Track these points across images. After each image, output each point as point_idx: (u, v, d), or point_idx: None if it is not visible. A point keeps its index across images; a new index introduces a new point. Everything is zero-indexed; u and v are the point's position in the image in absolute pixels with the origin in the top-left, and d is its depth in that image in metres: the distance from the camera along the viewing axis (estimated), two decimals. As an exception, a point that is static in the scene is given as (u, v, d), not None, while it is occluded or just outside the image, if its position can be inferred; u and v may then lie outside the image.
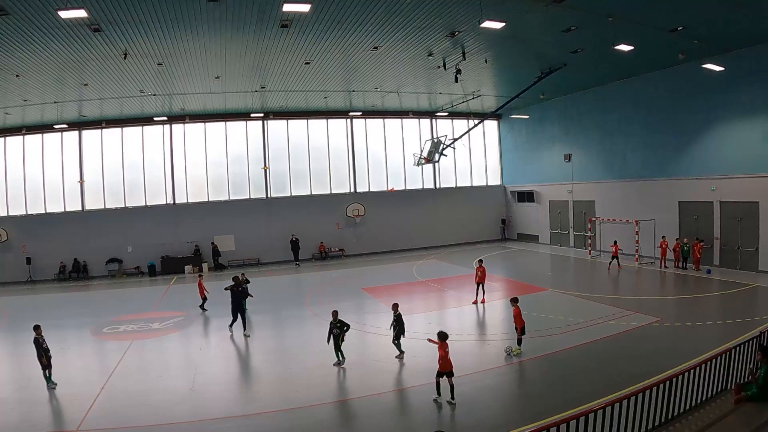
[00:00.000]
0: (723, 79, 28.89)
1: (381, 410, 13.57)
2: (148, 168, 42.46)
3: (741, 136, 28.91)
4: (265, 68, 29.05)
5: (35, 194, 40.62)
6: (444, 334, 14.02)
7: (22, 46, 21.76)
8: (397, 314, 17.52)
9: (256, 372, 17.43)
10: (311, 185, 46.11)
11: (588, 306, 23.45)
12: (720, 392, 11.76)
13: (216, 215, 43.01)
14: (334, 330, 16.90)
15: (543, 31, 24.44)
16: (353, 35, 24.04)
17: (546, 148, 46.02)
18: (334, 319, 17.00)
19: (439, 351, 13.76)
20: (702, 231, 31.30)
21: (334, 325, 16.93)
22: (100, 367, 18.12)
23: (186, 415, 13.55)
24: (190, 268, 40.93)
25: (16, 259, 39.23)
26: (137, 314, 26.21)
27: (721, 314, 20.87)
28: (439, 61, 28.79)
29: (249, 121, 43.97)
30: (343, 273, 37.28)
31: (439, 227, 49.00)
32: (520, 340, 17.23)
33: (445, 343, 13.83)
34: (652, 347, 17.10)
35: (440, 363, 13.62)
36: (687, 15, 22.42)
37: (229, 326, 21.83)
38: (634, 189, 36.59)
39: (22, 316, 26.07)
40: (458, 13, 21.52)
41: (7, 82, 27.20)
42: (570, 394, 13.41)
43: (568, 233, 43.70)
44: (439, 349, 13.76)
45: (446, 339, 13.89)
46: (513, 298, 17.97)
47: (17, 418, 13.71)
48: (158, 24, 20.59)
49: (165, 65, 26.73)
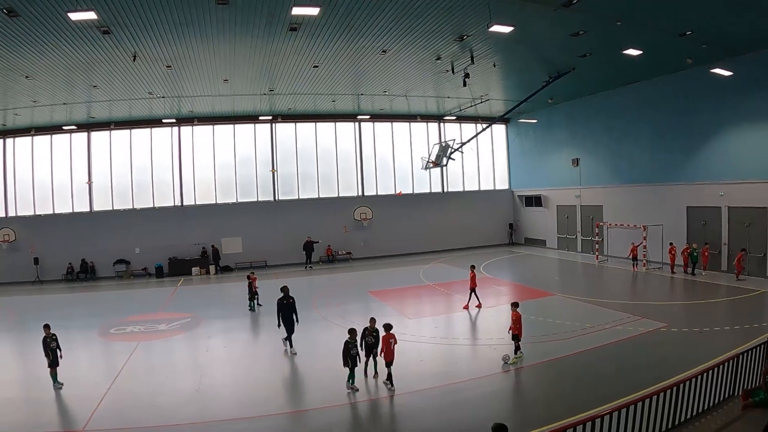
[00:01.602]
0: (731, 84, 28.77)
1: (388, 413, 13.56)
2: (156, 170, 42.64)
3: (749, 141, 28.77)
4: (273, 71, 29.12)
5: (44, 195, 40.88)
6: (389, 325, 15.57)
7: (31, 48, 21.91)
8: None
9: (263, 374, 17.36)
10: (319, 188, 46.17)
11: (595, 311, 23.35)
12: (727, 398, 11.70)
13: (223, 217, 43.13)
14: (368, 338, 15.82)
15: (551, 36, 24.43)
16: (362, 39, 24.09)
17: (554, 153, 45.92)
18: (371, 327, 15.98)
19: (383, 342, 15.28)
20: (710, 236, 31.13)
21: (369, 333, 15.89)
22: (106, 368, 18.17)
23: (192, 416, 13.57)
24: (197, 269, 41.05)
25: (24, 259, 39.39)
26: (144, 315, 26.28)
27: (729, 320, 20.76)
28: (448, 65, 28.78)
29: (257, 123, 44.07)
30: (351, 276, 37.30)
31: (446, 231, 48.92)
32: (518, 346, 16.94)
33: (391, 333, 15.33)
34: (659, 353, 17.01)
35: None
36: (695, 19, 22.37)
37: (284, 340, 19.44)
38: (642, 194, 36.45)
39: (29, 317, 26.24)
40: (467, 17, 21.54)
41: (16, 83, 27.38)
42: (576, 400, 13.36)
43: (575, 238, 43.57)
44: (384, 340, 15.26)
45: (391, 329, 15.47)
46: (513, 303, 17.63)
47: (23, 418, 13.78)
48: (167, 26, 20.69)
49: (174, 68, 26.84)
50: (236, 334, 22.49)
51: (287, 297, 19.24)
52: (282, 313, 19.05)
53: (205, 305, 28.63)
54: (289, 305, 19.14)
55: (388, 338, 15.28)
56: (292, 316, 19.10)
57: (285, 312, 19.04)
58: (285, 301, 19.17)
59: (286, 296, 19.26)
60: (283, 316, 19.01)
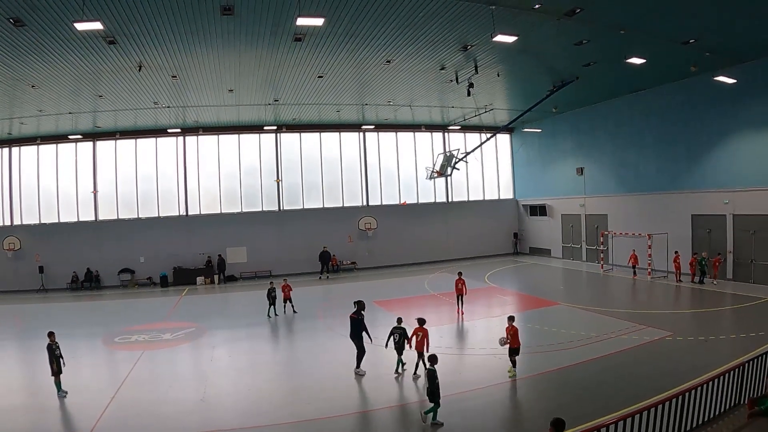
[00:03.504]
0: (735, 92, 28.80)
1: (392, 423, 13.52)
2: (161, 179, 42.76)
3: (754, 148, 28.73)
4: (278, 81, 29.25)
5: (49, 203, 41.05)
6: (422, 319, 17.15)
7: (38, 57, 22.10)
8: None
9: (267, 384, 17.33)
10: (324, 198, 46.22)
11: (600, 320, 23.26)
12: (733, 407, 11.65)
13: (228, 227, 43.19)
14: (395, 335, 17.16)
15: (555, 45, 24.49)
16: (366, 49, 24.21)
17: (558, 162, 45.93)
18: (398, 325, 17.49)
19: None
20: (715, 244, 31.07)
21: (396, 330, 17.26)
22: (110, 377, 18.15)
23: (196, 426, 13.53)
24: (201, 279, 41.06)
25: (29, 267, 39.54)
26: (149, 324, 26.27)
27: (734, 328, 20.65)
28: (452, 74, 28.92)
29: (262, 133, 44.18)
30: (356, 286, 37.24)
31: (451, 241, 48.88)
32: (515, 361, 16.58)
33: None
34: (665, 362, 16.93)
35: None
36: (699, 27, 22.42)
37: (358, 363, 17.70)
38: (646, 202, 36.40)
39: (34, 325, 26.24)
40: (471, 27, 21.65)
41: (23, 93, 27.58)
42: (581, 409, 13.28)
43: (580, 247, 43.49)
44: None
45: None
46: (510, 317, 17.25)
47: (27, 426, 13.79)
48: (173, 37, 20.84)
49: (179, 78, 26.99)
50: (241, 344, 22.42)
51: (359, 312, 17.85)
52: (351, 330, 17.84)
53: (210, 315, 28.63)
54: (356, 321, 17.76)
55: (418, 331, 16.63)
56: (360, 333, 17.69)
57: (353, 328, 17.79)
58: (356, 316, 17.80)
59: (358, 311, 17.88)
60: (352, 333, 17.83)
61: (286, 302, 27.74)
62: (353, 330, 17.74)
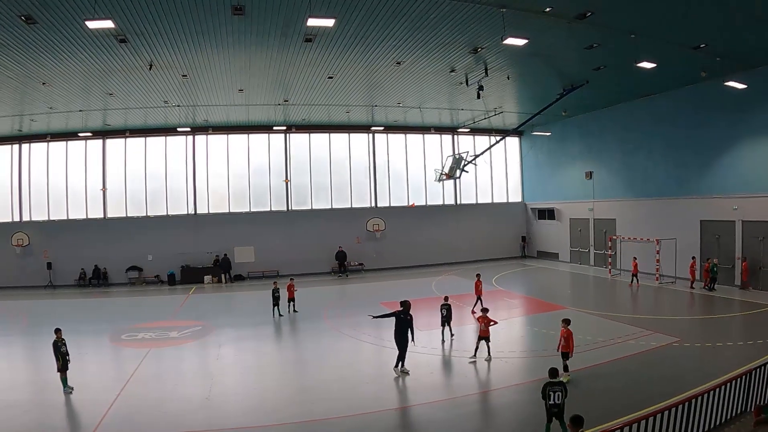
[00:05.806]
0: (745, 97, 28.49)
1: (397, 425, 13.51)
2: (170, 178, 42.97)
3: (764, 154, 28.47)
4: (288, 82, 29.29)
5: (58, 200, 41.34)
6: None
7: (49, 55, 22.20)
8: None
9: (273, 383, 17.35)
10: (332, 199, 46.30)
11: (607, 325, 23.16)
12: (739, 414, 11.58)
13: (237, 226, 43.29)
14: (442, 311, 21.03)
15: (565, 48, 24.44)
16: (377, 50, 24.20)
17: (567, 166, 45.81)
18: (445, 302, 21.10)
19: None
20: (724, 250, 30.89)
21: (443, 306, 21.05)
22: (117, 374, 18.20)
23: (201, 424, 13.55)
24: (209, 278, 41.19)
25: (37, 263, 39.82)
26: (155, 322, 26.34)
27: (742, 335, 20.53)
28: (462, 77, 28.89)
29: (271, 133, 44.28)
30: (363, 287, 37.28)
31: (459, 243, 48.75)
32: (566, 365, 16.30)
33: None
34: (671, 367, 16.84)
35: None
36: (709, 32, 22.33)
37: (399, 362, 17.39)
38: (655, 207, 36.21)
39: (41, 321, 26.36)
40: (481, 30, 21.60)
41: (33, 90, 27.75)
42: (587, 414, 13.17)
43: (588, 251, 43.34)
44: None
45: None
46: (565, 319, 16.99)
47: (33, 422, 13.82)
48: (183, 36, 20.90)
49: (189, 77, 27.08)
50: (247, 343, 22.42)
51: (406, 312, 17.53)
52: (396, 329, 17.39)
53: (217, 314, 28.71)
54: (405, 321, 17.38)
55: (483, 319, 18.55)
56: (406, 333, 17.33)
57: (400, 327, 17.35)
58: (402, 315, 17.43)
59: (406, 311, 17.55)
60: (396, 332, 17.38)
61: (289, 302, 27.89)
62: (399, 329, 17.28)
